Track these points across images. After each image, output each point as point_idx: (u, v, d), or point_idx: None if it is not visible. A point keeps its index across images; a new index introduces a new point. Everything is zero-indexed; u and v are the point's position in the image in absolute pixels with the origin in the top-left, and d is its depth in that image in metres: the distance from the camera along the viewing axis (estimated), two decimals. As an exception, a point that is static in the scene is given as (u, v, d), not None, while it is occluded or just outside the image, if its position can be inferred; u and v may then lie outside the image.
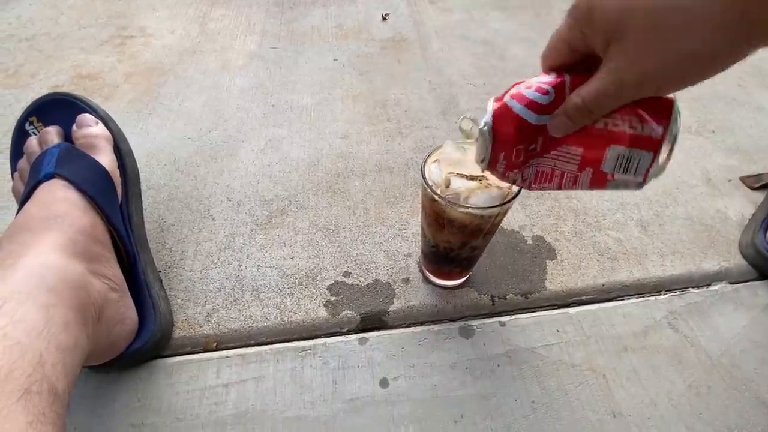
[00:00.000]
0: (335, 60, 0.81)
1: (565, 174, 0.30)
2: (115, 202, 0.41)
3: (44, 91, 0.69)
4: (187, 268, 0.48)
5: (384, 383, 0.41)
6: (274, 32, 0.88)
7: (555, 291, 0.48)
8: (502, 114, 0.28)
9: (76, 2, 0.92)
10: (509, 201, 0.36)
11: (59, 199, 0.36)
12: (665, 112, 0.27)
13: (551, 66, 0.27)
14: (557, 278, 0.49)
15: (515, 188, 0.37)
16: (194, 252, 0.49)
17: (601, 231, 0.55)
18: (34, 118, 0.45)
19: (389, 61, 0.82)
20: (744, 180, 0.63)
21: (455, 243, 0.40)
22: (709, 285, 0.50)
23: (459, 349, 0.43)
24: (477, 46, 0.87)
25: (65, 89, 0.70)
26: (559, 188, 0.31)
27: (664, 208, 0.58)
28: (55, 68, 0.74)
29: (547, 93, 0.27)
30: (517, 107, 0.27)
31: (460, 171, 0.38)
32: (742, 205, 0.59)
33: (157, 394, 0.39)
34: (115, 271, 0.37)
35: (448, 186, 0.37)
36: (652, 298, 0.49)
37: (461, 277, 0.47)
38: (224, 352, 0.42)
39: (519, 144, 0.28)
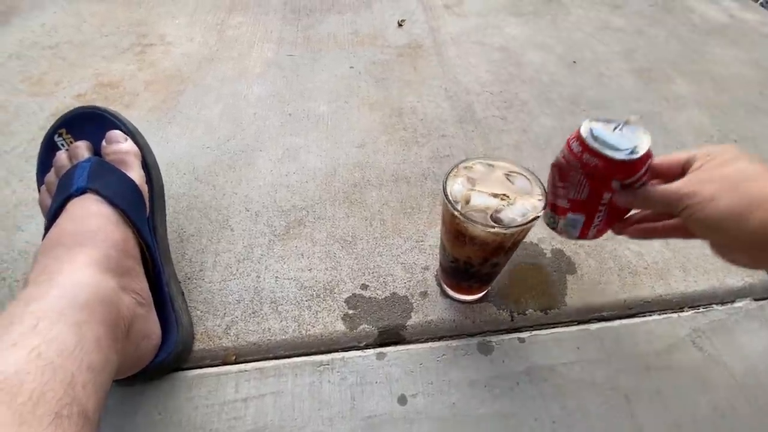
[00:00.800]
0: (351, 67, 0.80)
1: (563, 188, 0.37)
2: (145, 216, 0.40)
3: (67, 99, 0.70)
4: (206, 280, 0.48)
5: (402, 400, 0.40)
6: (291, 39, 0.87)
7: (575, 306, 0.47)
8: (647, 157, 0.34)
9: (98, 10, 0.93)
10: (531, 221, 0.35)
11: (93, 213, 0.35)
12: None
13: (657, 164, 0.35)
14: (577, 293, 0.48)
15: (539, 205, 0.36)
16: (213, 263, 0.49)
17: (622, 245, 0.53)
18: (63, 131, 0.44)
19: (405, 68, 0.81)
20: (768, 192, 0.61)
21: (476, 259, 0.39)
22: (733, 302, 0.49)
23: (478, 366, 0.42)
24: (493, 53, 0.86)
25: (87, 97, 0.71)
26: (555, 179, 0.38)
27: (686, 220, 0.56)
28: (78, 76, 0.74)
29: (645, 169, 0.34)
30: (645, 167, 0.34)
31: (483, 187, 0.37)
32: (767, 218, 0.57)
33: (178, 408, 0.38)
34: (143, 285, 0.37)
35: (468, 202, 0.36)
36: (675, 314, 0.47)
37: (480, 292, 0.46)
38: (243, 366, 0.41)
39: (616, 176, 0.35)
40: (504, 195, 0.37)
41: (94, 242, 0.33)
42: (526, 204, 0.36)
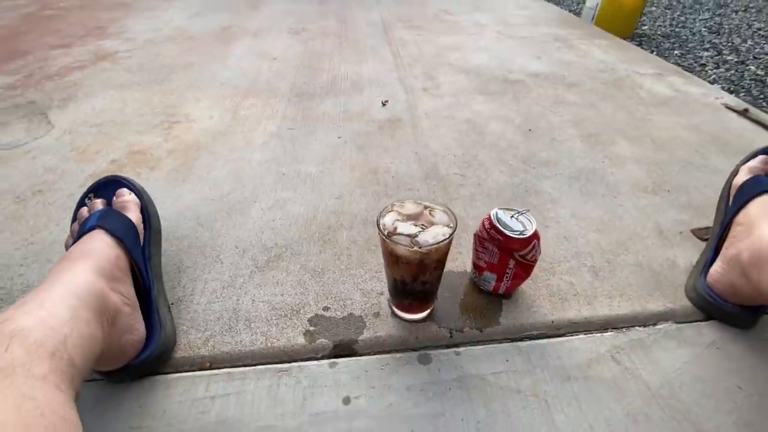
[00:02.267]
0: (339, 137, 0.93)
1: (482, 253, 0.53)
2: (138, 244, 0.50)
3: (103, 165, 0.83)
4: (195, 302, 0.55)
5: (346, 401, 0.44)
6: (292, 117, 1.02)
7: (508, 326, 0.52)
8: (534, 238, 0.49)
9: (139, 97, 1.10)
10: (441, 242, 0.42)
11: (95, 239, 0.46)
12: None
13: None
14: (511, 315, 0.53)
15: (448, 232, 0.43)
16: (202, 289, 0.57)
17: (556, 275, 0.59)
18: (92, 195, 0.57)
19: (384, 137, 0.93)
20: (695, 232, 0.66)
21: (408, 277, 0.46)
22: (655, 324, 0.53)
23: (416, 374, 0.47)
24: (460, 124, 0.98)
25: (120, 162, 0.84)
26: (476, 245, 0.54)
27: (616, 256, 0.62)
28: (115, 147, 0.88)
29: (533, 246, 0.50)
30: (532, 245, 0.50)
31: (409, 219, 0.45)
32: (692, 254, 0.62)
33: (156, 402, 0.44)
34: (129, 291, 0.45)
35: (396, 230, 0.44)
36: (599, 334, 0.51)
37: (421, 311, 0.52)
38: (215, 371, 0.47)
39: (513, 248, 0.50)
40: (423, 225, 0.45)
41: (91, 256, 0.43)
42: (438, 230, 0.44)
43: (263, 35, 1.60)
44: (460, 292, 0.56)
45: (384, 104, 1.07)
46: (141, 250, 0.51)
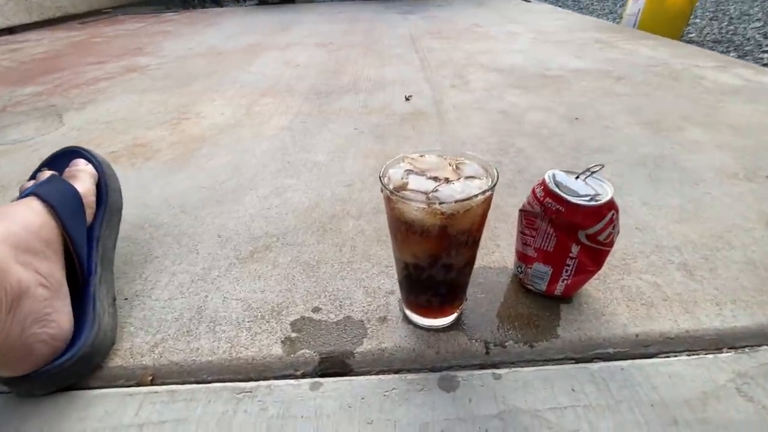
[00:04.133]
0: (355, 129, 0.81)
1: (531, 236, 0.36)
2: (80, 218, 0.38)
3: (101, 155, 0.74)
4: (153, 297, 0.42)
5: (330, 441, 0.29)
6: (307, 112, 0.91)
7: (570, 340, 0.35)
8: (611, 207, 0.33)
9: (157, 98, 1.04)
10: (473, 197, 0.27)
11: (21, 204, 0.35)
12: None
13: None
14: (573, 324, 0.36)
15: (484, 185, 0.28)
16: (167, 282, 0.44)
17: (632, 274, 0.42)
18: (44, 169, 0.46)
19: (405, 128, 0.80)
20: (821, 224, 0.47)
21: (424, 258, 0.31)
22: (794, 344, 0.34)
23: (436, 405, 0.31)
24: (493, 115, 0.83)
25: (119, 154, 0.74)
26: (522, 225, 0.37)
27: (715, 251, 0.44)
28: (119, 140, 0.80)
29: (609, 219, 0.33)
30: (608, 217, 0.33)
31: (435, 175, 0.31)
32: (824, 251, 0.43)
33: (64, 427, 0.30)
34: (53, 270, 0.33)
35: (405, 186, 0.29)
36: (710, 356, 0.34)
37: (444, 315, 0.36)
38: (156, 388, 0.33)
39: (581, 221, 0.33)
40: (446, 179, 0.30)
41: (4, 221, 0.31)
42: (468, 183, 0.29)
43: (290, 48, 1.55)
44: (500, 293, 0.40)
45: (407, 99, 0.95)
46: (87, 228, 0.39)
